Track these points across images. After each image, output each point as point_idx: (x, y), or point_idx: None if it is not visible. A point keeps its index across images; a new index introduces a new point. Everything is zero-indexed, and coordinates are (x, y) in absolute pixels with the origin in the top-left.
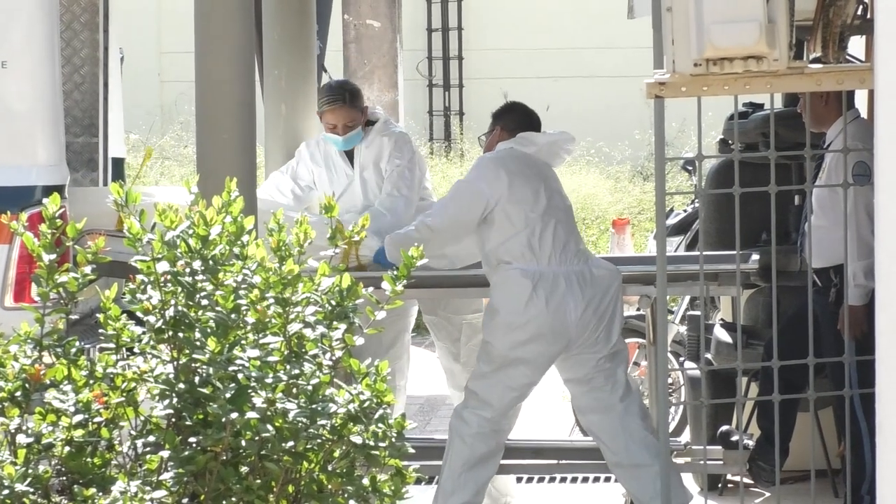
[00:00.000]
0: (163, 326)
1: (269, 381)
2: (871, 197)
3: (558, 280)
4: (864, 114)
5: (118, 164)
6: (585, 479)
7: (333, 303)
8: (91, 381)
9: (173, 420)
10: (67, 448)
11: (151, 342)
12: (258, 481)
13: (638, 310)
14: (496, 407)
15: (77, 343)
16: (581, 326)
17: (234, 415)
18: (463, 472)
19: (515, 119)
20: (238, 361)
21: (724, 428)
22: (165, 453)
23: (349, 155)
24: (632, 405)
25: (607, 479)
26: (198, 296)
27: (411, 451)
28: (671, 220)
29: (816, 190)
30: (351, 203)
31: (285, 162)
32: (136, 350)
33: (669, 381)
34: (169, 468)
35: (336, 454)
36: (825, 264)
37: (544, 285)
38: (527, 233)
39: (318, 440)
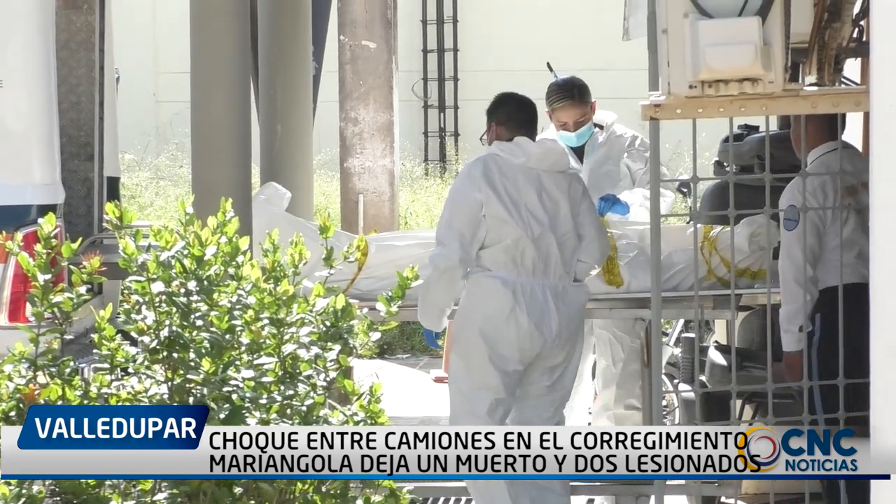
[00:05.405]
0: (157, 347)
1: (263, 401)
2: (795, 244)
3: (535, 293)
4: (859, 133)
5: (113, 183)
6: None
7: (328, 323)
8: (85, 402)
9: None
10: None
11: (146, 362)
12: (252, 502)
13: None
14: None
15: (71, 363)
16: (555, 341)
17: None
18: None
19: (508, 112)
20: (232, 382)
21: None
22: None
23: (577, 153)
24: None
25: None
26: (192, 316)
27: None
28: None
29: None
30: None
31: (280, 182)
32: (130, 370)
33: (664, 403)
34: (163, 489)
35: None
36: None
37: (524, 297)
38: (507, 245)
39: None
